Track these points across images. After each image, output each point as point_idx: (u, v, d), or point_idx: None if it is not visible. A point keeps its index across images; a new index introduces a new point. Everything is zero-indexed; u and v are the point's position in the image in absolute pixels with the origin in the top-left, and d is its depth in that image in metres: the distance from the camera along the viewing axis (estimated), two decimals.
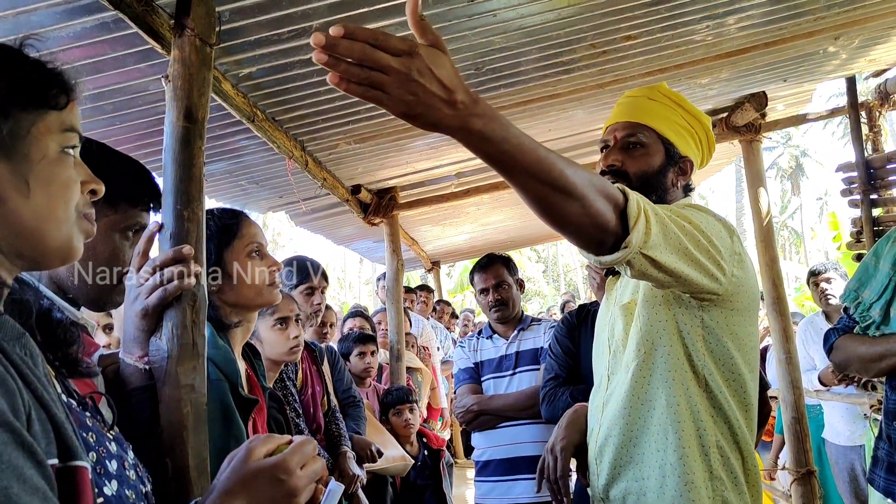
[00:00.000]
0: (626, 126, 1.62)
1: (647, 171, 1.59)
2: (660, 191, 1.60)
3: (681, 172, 1.65)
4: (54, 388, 0.81)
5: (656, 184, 1.60)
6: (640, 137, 1.60)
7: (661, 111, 1.63)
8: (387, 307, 4.82)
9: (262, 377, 1.87)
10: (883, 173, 4.12)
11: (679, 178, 1.64)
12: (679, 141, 1.63)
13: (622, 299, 1.59)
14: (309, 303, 2.85)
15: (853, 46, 3.48)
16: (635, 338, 1.49)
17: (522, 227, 8.01)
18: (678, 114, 1.63)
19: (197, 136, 1.59)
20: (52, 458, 0.71)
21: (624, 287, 1.61)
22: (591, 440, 1.63)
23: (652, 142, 1.61)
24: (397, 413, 3.83)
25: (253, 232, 1.69)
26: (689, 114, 1.65)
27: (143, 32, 1.70)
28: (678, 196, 1.65)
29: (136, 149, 2.70)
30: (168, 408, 1.37)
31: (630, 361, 1.50)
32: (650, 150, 1.60)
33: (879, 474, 2.04)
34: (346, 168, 3.86)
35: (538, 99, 3.23)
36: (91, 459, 0.84)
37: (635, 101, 1.66)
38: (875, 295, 2.05)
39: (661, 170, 1.61)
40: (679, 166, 1.64)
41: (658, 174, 1.60)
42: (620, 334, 1.55)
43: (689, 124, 1.64)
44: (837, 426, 4.03)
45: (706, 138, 1.69)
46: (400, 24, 2.18)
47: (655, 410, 1.46)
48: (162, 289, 1.37)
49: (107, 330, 2.61)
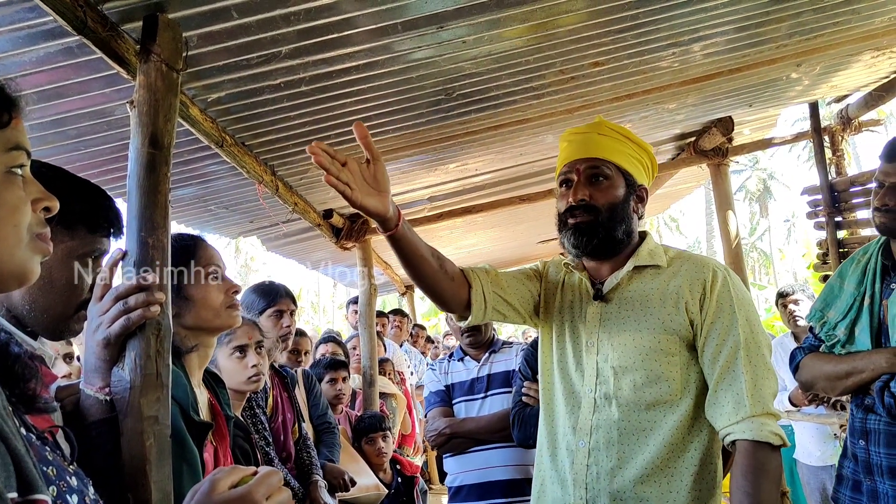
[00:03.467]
0: (587, 161, 1.69)
1: (614, 202, 1.67)
2: (626, 220, 1.69)
3: (639, 200, 1.73)
4: (13, 420, 0.78)
5: (623, 213, 1.68)
6: (604, 170, 1.68)
7: (614, 145, 1.70)
8: (359, 332, 4.78)
9: (226, 405, 1.83)
10: (846, 196, 4.21)
11: (638, 205, 1.73)
12: (633, 170, 1.71)
13: (639, 327, 1.63)
14: (278, 326, 2.81)
15: (815, 73, 3.58)
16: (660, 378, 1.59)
17: (496, 250, 8.04)
18: (627, 145, 1.71)
19: (163, 162, 1.57)
20: (11, 491, 0.68)
21: (637, 321, 1.64)
22: (575, 458, 1.65)
23: (614, 174, 1.68)
24: (370, 441, 3.78)
25: (210, 254, 1.69)
26: (636, 144, 1.73)
27: (108, 58, 1.68)
28: (636, 223, 1.73)
29: (102, 174, 2.66)
30: (130, 441, 1.34)
31: (656, 400, 1.59)
32: (614, 183, 1.68)
33: (845, 493, 2.05)
34: (317, 192, 3.84)
35: (509, 124, 3.26)
36: (51, 493, 0.81)
37: (587, 137, 1.73)
38: (840, 314, 2.08)
39: (625, 200, 1.69)
40: (637, 194, 1.73)
41: (623, 204, 1.68)
42: (630, 352, 1.61)
43: (638, 154, 1.73)
44: (808, 446, 4.06)
45: (651, 165, 1.78)
46: (368, 50, 2.19)
47: (685, 454, 1.58)
48: (125, 318, 1.34)
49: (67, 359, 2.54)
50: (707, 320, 1.58)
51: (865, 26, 2.97)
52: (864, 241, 4.10)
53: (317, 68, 2.23)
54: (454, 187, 4.60)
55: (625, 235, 1.68)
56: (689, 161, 4.69)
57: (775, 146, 5.09)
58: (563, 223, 1.71)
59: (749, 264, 43.89)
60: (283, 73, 2.20)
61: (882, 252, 2.05)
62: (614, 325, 1.65)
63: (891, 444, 1.89)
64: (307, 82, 2.31)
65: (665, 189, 6.02)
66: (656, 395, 1.56)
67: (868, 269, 2.06)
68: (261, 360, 2.32)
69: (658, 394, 1.56)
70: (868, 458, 1.96)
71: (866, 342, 1.97)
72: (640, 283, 1.67)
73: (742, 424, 1.49)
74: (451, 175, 4.22)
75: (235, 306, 1.71)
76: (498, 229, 6.55)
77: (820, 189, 4.33)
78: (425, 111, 2.88)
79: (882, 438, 1.92)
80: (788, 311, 4.07)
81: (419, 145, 3.30)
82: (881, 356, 1.89)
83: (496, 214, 5.33)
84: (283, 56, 2.07)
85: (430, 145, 3.34)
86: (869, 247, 2.12)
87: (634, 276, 1.69)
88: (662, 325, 1.59)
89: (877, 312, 1.98)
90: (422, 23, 2.07)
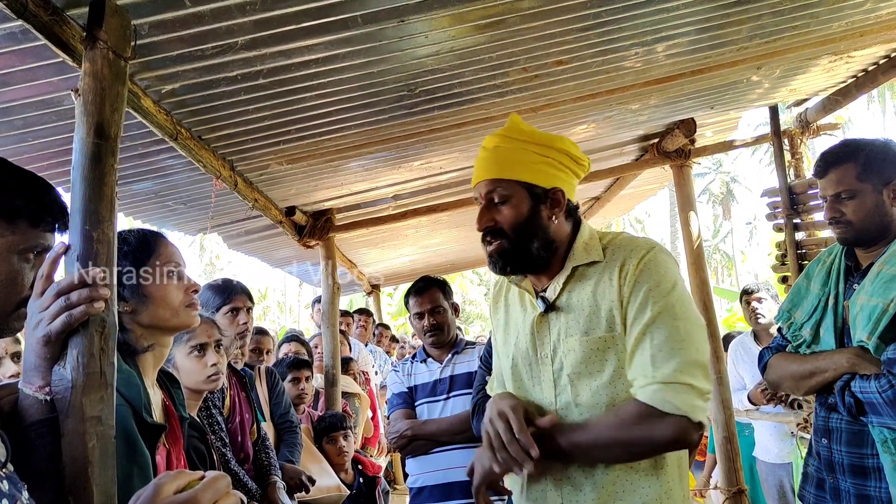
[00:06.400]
0: (486, 185, 1.64)
1: (518, 221, 1.61)
2: (540, 232, 1.62)
3: (554, 205, 1.65)
4: None
5: (533, 228, 1.62)
6: (500, 192, 1.62)
7: (513, 156, 1.63)
8: (322, 331, 4.72)
9: (181, 406, 1.78)
10: (805, 199, 4.29)
11: (554, 210, 1.65)
12: (538, 177, 1.63)
13: (585, 330, 1.59)
14: (234, 324, 2.75)
15: (775, 76, 3.63)
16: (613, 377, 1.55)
17: (462, 250, 8.03)
18: (529, 151, 1.63)
19: (109, 153, 1.51)
20: None
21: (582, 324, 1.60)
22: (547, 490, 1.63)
23: (513, 191, 1.62)
24: (331, 441, 3.74)
25: (170, 251, 1.66)
26: (540, 145, 1.64)
27: (52, 44, 1.61)
28: (564, 227, 1.67)
29: (50, 167, 2.58)
30: (71, 442, 1.29)
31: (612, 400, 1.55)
32: (514, 201, 1.61)
33: (809, 490, 2.09)
34: (279, 189, 3.78)
35: (473, 121, 3.24)
36: None
37: (487, 155, 1.67)
38: (806, 315, 2.11)
39: (532, 213, 1.62)
40: (550, 200, 1.64)
41: (530, 219, 1.62)
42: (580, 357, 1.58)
43: (544, 155, 1.64)
44: (767, 444, 4.12)
45: (568, 158, 1.67)
46: (328, 42, 2.15)
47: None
48: (67, 314, 1.30)
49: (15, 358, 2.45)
50: (628, 298, 1.54)
51: (823, 31, 3.02)
52: (821, 242, 4.19)
53: (274, 61, 2.18)
54: (419, 185, 4.57)
55: (543, 249, 1.63)
56: (652, 162, 4.73)
57: (737, 148, 5.17)
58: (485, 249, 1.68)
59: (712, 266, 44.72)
60: (239, 64, 2.15)
61: (845, 253, 2.09)
62: (563, 331, 1.61)
63: (852, 442, 1.92)
64: (265, 75, 2.26)
65: (629, 190, 6.07)
66: (613, 394, 1.54)
67: (833, 270, 2.10)
68: (219, 358, 2.28)
69: (614, 392, 1.54)
70: (830, 456, 1.99)
71: (830, 342, 2.00)
72: (581, 284, 1.62)
73: (645, 389, 1.46)
74: (416, 173, 4.20)
75: (194, 305, 1.68)
76: (463, 229, 6.54)
77: (779, 191, 4.40)
78: (388, 107, 2.84)
79: (844, 437, 1.95)
80: (751, 309, 4.12)
81: (382, 142, 3.27)
82: (843, 356, 1.91)
83: (462, 213, 5.31)
84: (239, 47, 2.02)
85: (394, 142, 3.30)
86: (834, 248, 2.16)
87: (574, 278, 1.64)
88: (606, 323, 1.56)
89: (840, 313, 2.01)
90: (382, 16, 2.04)
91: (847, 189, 1.99)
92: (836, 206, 2.02)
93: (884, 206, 1.96)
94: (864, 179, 1.97)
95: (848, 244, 2.06)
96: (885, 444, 1.81)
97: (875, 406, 1.79)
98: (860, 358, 1.86)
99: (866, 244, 2.01)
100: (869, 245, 2.01)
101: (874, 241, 1.99)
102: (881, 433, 1.82)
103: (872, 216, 1.96)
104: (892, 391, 1.74)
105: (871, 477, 1.86)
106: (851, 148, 2.04)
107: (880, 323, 1.80)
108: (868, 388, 1.80)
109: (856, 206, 1.98)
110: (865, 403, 1.82)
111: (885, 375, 1.77)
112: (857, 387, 1.84)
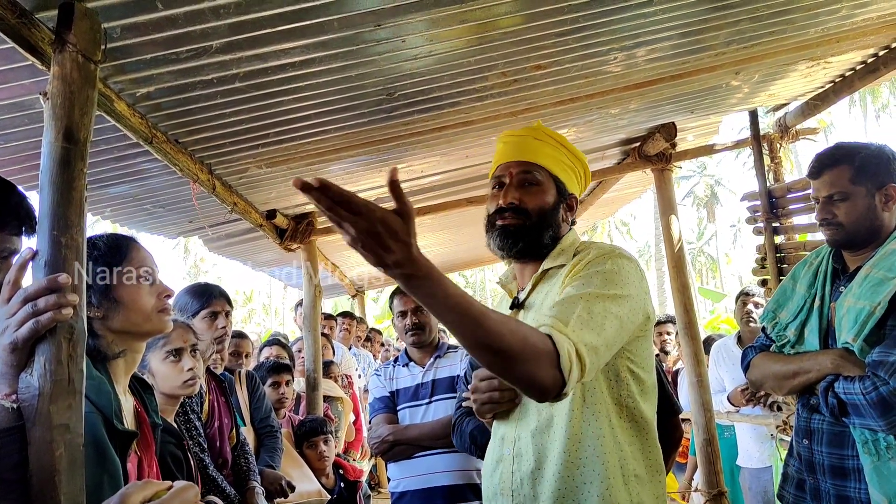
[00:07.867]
0: (521, 164, 1.68)
1: (544, 208, 1.66)
2: (554, 226, 1.68)
3: (569, 208, 1.73)
4: None
5: (552, 219, 1.67)
6: (536, 176, 1.68)
7: (549, 151, 1.70)
8: (303, 334, 4.70)
9: (153, 412, 1.77)
10: (784, 202, 4.32)
11: (568, 213, 1.73)
12: (566, 178, 1.71)
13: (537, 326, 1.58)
14: (213, 328, 2.73)
15: (754, 81, 3.66)
16: None
17: (448, 252, 8.03)
18: (562, 153, 1.71)
19: (78, 157, 1.50)
20: None
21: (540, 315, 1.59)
22: (503, 467, 1.64)
23: (545, 180, 1.68)
24: (312, 445, 3.72)
25: (142, 255, 1.65)
26: (571, 153, 1.73)
27: (20, 47, 1.59)
28: (566, 230, 1.73)
29: (22, 171, 2.55)
30: (38, 451, 1.27)
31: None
32: (545, 188, 1.68)
33: (789, 491, 2.10)
34: (259, 192, 3.75)
35: (452, 125, 3.24)
36: None
37: (523, 140, 1.72)
38: (791, 316, 2.12)
39: (555, 206, 1.69)
40: (567, 202, 1.73)
41: (553, 210, 1.68)
42: None
43: (572, 162, 1.73)
44: (749, 449, 4.13)
45: (584, 175, 1.78)
46: (305, 46, 2.14)
47: (586, 442, 1.52)
48: (34, 321, 1.28)
49: None
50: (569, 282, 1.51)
51: (800, 36, 3.05)
52: (799, 245, 4.22)
53: (251, 64, 2.17)
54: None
55: (550, 241, 1.68)
56: (633, 166, 4.75)
57: (718, 153, 5.20)
58: (491, 224, 1.70)
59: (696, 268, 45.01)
60: (215, 68, 2.14)
61: (833, 256, 2.10)
62: None
63: (833, 443, 1.93)
64: (241, 78, 2.25)
65: (612, 193, 6.10)
66: None
67: (819, 272, 2.11)
68: (196, 363, 2.26)
69: None
70: (811, 456, 2.00)
71: (815, 343, 2.01)
72: (545, 285, 1.66)
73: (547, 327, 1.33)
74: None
75: (167, 310, 1.66)
76: (447, 232, 6.53)
77: (759, 195, 4.43)
78: (367, 111, 2.84)
79: (825, 438, 1.96)
80: (746, 310, 4.13)
81: (362, 145, 3.26)
82: (827, 357, 1.93)
83: (445, 217, 5.31)
84: (214, 51, 2.01)
85: (374, 146, 3.29)
86: (821, 250, 2.17)
87: (542, 280, 1.68)
88: None
89: (826, 314, 2.03)
90: (357, 20, 2.03)
91: (840, 191, 2.01)
92: (828, 207, 2.03)
93: (875, 209, 1.98)
94: (858, 182, 1.99)
95: (837, 246, 2.08)
96: (865, 445, 1.82)
97: (858, 408, 1.79)
98: (844, 360, 1.88)
99: (855, 247, 2.03)
100: (858, 248, 2.02)
101: (863, 244, 2.01)
102: (862, 434, 1.83)
103: (863, 219, 1.98)
104: (876, 393, 1.74)
105: (852, 478, 1.87)
106: (846, 151, 2.05)
107: (866, 325, 1.81)
108: (852, 390, 1.81)
109: (848, 208, 1.99)
110: (849, 405, 1.83)
111: (869, 377, 1.77)
112: (840, 388, 1.85)
